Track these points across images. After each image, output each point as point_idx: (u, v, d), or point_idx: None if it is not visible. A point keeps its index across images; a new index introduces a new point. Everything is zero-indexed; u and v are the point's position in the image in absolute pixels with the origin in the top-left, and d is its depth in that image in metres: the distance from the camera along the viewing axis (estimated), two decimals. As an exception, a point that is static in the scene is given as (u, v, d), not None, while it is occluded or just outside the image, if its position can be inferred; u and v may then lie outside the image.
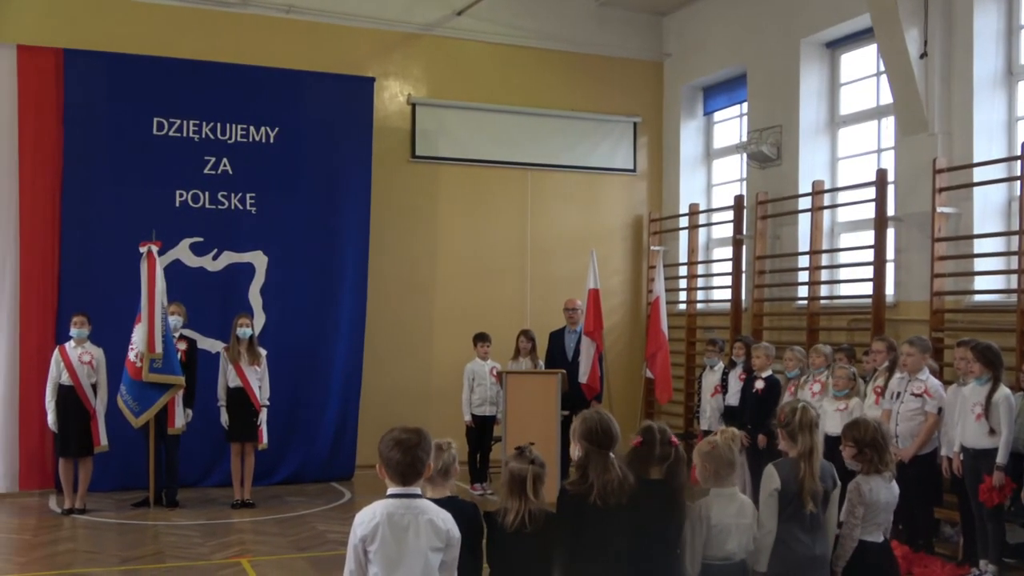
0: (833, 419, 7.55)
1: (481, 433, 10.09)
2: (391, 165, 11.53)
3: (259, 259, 10.56)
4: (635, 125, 12.92)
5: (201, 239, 10.32)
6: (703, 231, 12.59)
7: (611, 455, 4.24)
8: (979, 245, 8.73)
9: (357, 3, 11.49)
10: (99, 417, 8.95)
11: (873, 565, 4.72)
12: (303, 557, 7.51)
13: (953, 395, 7.22)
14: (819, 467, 4.59)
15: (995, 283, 8.68)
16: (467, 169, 12.13)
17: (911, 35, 8.82)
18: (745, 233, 11.22)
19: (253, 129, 10.53)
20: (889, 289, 9.42)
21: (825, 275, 10.44)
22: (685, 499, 4.35)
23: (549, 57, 12.45)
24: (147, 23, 10.60)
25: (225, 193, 10.42)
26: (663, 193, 13.08)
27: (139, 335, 8.95)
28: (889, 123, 9.88)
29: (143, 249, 9.06)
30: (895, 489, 4.82)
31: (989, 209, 8.72)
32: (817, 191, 10.37)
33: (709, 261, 12.63)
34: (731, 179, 12.52)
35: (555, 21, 12.44)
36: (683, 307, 12.44)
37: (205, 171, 10.35)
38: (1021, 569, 7.09)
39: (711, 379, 9.71)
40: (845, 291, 10.19)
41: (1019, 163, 8.22)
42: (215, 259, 10.41)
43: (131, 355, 9.00)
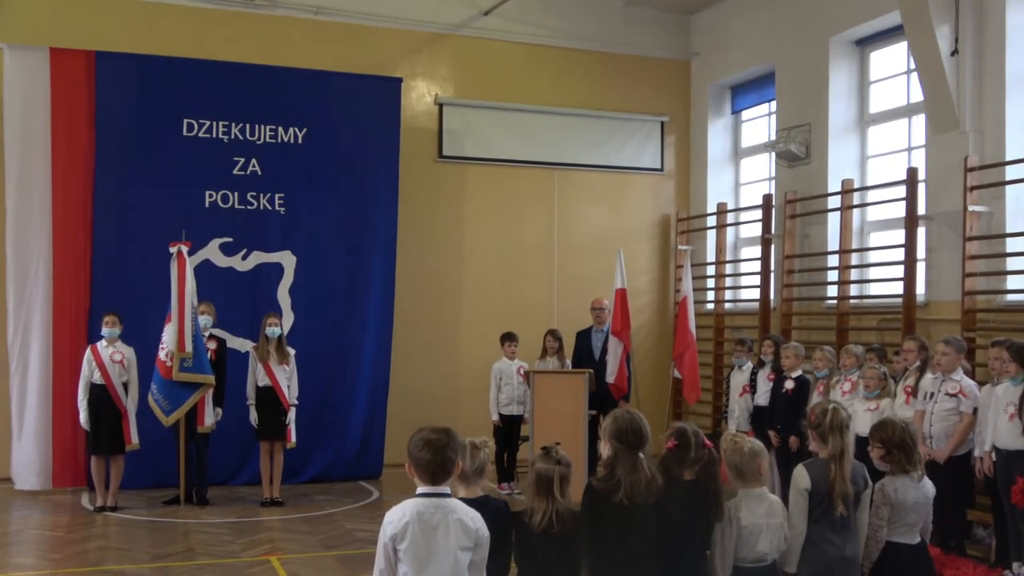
0: (864, 420, 7.45)
1: (508, 432, 10.09)
2: (418, 165, 11.56)
3: (288, 259, 10.62)
4: (662, 124, 12.88)
5: (230, 239, 10.41)
6: (731, 230, 12.54)
7: (640, 455, 4.23)
8: (1011, 244, 8.61)
9: (384, 4, 11.53)
10: (130, 416, 9.04)
11: (904, 567, 4.66)
12: (332, 555, 7.54)
13: (986, 395, 7.14)
14: (850, 469, 4.55)
15: (1028, 283, 8.58)
16: (494, 169, 12.14)
17: (942, 32, 8.73)
18: (773, 232, 11.15)
19: (282, 130, 10.59)
20: (920, 288, 9.33)
21: (855, 274, 10.36)
22: (724, 501, 4.35)
23: (576, 56, 12.44)
24: (176, 25, 10.72)
25: (254, 193, 10.50)
26: (691, 192, 13.04)
27: (169, 335, 9.01)
28: (920, 121, 9.79)
29: (173, 249, 9.12)
30: (927, 489, 4.75)
31: (1022, 207, 8.60)
32: (847, 190, 10.28)
33: (737, 260, 12.57)
34: (759, 178, 12.45)
35: (582, 20, 12.42)
36: (711, 307, 12.39)
37: (234, 172, 10.43)
38: (1055, 572, 7.01)
39: (739, 379, 9.64)
40: (875, 291, 10.12)
41: (1053, 161, 8.13)
42: (244, 259, 10.49)
43: (161, 354, 9.06)
